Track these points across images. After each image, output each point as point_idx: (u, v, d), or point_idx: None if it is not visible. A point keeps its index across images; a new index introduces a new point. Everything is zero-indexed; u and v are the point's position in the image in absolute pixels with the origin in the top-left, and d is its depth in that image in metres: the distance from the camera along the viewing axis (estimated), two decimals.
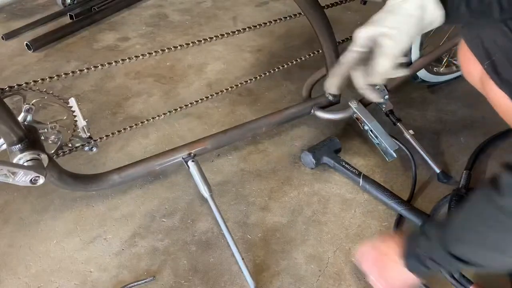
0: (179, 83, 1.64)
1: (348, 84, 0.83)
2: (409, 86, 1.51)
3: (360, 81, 0.83)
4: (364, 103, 1.26)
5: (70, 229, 1.11)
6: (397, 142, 1.23)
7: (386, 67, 0.76)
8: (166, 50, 1.05)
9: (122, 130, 1.20)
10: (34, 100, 0.95)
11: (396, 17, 0.75)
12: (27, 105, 0.94)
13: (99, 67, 1.00)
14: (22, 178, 0.85)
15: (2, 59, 1.83)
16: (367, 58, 0.79)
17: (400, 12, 0.75)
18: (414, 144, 1.22)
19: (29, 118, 0.95)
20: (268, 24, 1.15)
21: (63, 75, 0.97)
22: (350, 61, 0.81)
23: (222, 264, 1.01)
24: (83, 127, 1.09)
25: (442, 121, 1.38)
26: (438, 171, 1.18)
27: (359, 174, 1.17)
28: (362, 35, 0.78)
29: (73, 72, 0.97)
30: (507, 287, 0.93)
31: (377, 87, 1.23)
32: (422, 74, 1.43)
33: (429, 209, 1.10)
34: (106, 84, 1.65)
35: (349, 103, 1.26)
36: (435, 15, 0.72)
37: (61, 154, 1.07)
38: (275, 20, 1.16)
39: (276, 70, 1.41)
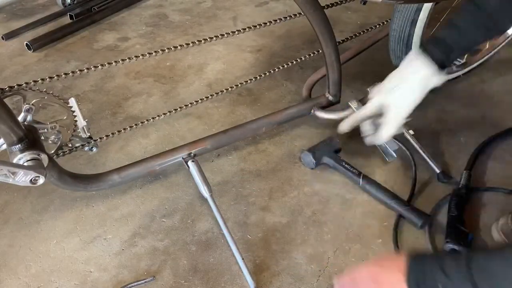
0: (179, 83, 1.64)
1: (348, 84, 0.83)
2: None
3: (367, 137, 1.02)
4: (364, 103, 1.26)
5: (70, 229, 1.11)
6: (397, 142, 1.23)
7: (390, 133, 0.93)
8: (166, 50, 1.05)
9: (122, 130, 1.20)
10: (34, 100, 0.95)
11: (405, 89, 0.89)
12: (27, 105, 0.94)
13: (99, 67, 1.01)
14: (22, 178, 0.85)
15: (2, 59, 1.83)
16: (376, 116, 0.96)
17: (409, 83, 0.89)
18: (414, 144, 1.22)
19: (29, 118, 0.95)
20: (268, 24, 1.15)
21: (63, 75, 0.97)
22: (361, 117, 0.99)
23: (222, 264, 1.01)
24: (83, 127, 1.09)
25: (442, 121, 1.38)
26: (438, 171, 1.18)
27: (359, 174, 1.17)
28: (374, 102, 0.94)
29: (73, 72, 0.97)
30: None
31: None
32: None
33: (429, 209, 1.10)
34: (106, 84, 1.65)
35: (349, 103, 1.26)
36: (438, 82, 0.88)
37: (61, 154, 1.07)
38: (275, 20, 1.16)
39: (276, 70, 1.41)
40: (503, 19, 0.86)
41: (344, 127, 1.03)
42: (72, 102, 1.10)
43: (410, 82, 0.90)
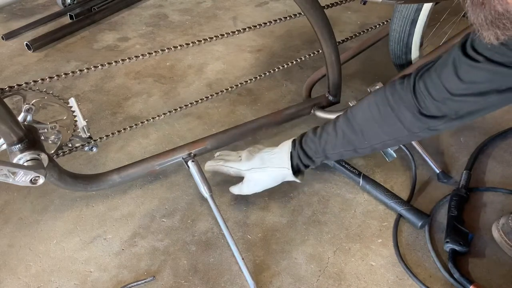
0: (179, 83, 1.64)
1: (348, 84, 0.84)
2: None
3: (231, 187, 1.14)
4: None
5: (70, 229, 1.11)
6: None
7: (236, 192, 1.12)
8: (166, 50, 1.05)
9: (122, 130, 1.20)
10: (34, 100, 0.95)
11: (264, 175, 1.06)
12: (27, 105, 0.94)
13: (99, 67, 1.01)
14: (22, 178, 0.85)
15: (2, 59, 1.83)
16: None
17: (268, 173, 1.05)
18: (414, 144, 1.22)
19: (29, 118, 0.95)
20: (268, 24, 1.15)
21: (63, 75, 0.97)
22: (223, 172, 1.13)
23: (222, 264, 1.01)
24: (83, 127, 1.09)
25: None
26: (438, 171, 1.18)
27: (359, 174, 1.17)
28: (235, 169, 1.10)
29: (73, 72, 0.97)
30: (507, 287, 0.94)
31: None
32: None
33: (429, 209, 1.10)
34: (106, 84, 1.65)
35: (349, 103, 1.26)
36: (294, 180, 1.05)
37: (61, 154, 1.07)
38: (275, 20, 1.16)
39: (276, 70, 1.41)
40: (369, 137, 0.93)
41: (207, 168, 1.15)
42: (72, 102, 1.10)
43: (274, 172, 1.05)
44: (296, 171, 1.05)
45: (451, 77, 0.77)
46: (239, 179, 1.11)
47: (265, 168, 1.05)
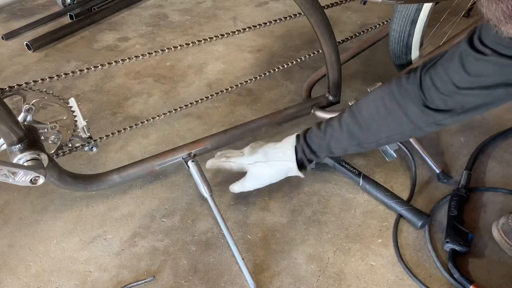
0: (179, 83, 1.64)
1: (348, 84, 0.84)
2: None
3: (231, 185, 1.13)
4: None
5: (70, 229, 1.11)
6: (397, 142, 1.23)
7: (240, 190, 1.11)
8: (166, 50, 1.05)
9: (122, 130, 1.20)
10: (34, 100, 0.95)
11: (268, 169, 1.05)
12: (27, 105, 0.94)
13: (99, 67, 1.01)
14: (22, 178, 0.85)
15: (2, 59, 1.83)
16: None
17: (272, 166, 1.05)
18: (414, 144, 1.22)
19: (29, 118, 0.95)
20: (268, 24, 1.15)
21: (63, 75, 0.97)
22: (225, 169, 1.12)
23: (222, 264, 1.01)
24: (83, 127, 1.09)
25: None
26: (438, 171, 1.18)
27: (359, 174, 1.17)
28: (240, 163, 1.09)
29: (73, 72, 0.97)
30: (507, 287, 0.94)
31: None
32: None
33: (429, 209, 1.10)
34: (106, 84, 1.65)
35: (349, 103, 1.26)
36: (294, 174, 1.05)
37: (61, 154, 1.07)
38: (275, 20, 1.16)
39: (276, 70, 1.41)
40: (374, 132, 0.93)
41: (208, 166, 1.14)
42: (72, 102, 1.10)
43: (278, 166, 1.05)
44: (300, 165, 1.05)
45: (458, 70, 0.77)
46: (238, 178, 1.11)
47: (269, 162, 1.04)
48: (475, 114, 0.83)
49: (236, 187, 1.11)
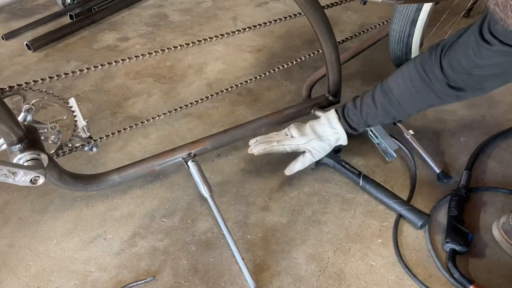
0: (179, 83, 1.64)
1: (348, 84, 0.84)
2: None
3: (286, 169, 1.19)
4: None
5: (70, 229, 1.11)
6: (397, 142, 1.24)
7: (298, 168, 1.16)
8: (166, 50, 1.05)
9: (122, 130, 1.20)
10: (34, 100, 0.95)
11: (324, 143, 1.14)
12: (27, 105, 0.94)
13: (99, 67, 1.01)
14: (22, 178, 0.85)
15: (2, 59, 1.83)
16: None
17: (325, 141, 1.14)
18: (414, 144, 1.22)
19: (29, 118, 0.95)
20: (268, 24, 1.15)
21: (63, 75, 0.97)
22: (276, 152, 1.17)
23: (222, 264, 1.01)
24: (83, 127, 1.09)
25: (442, 121, 1.38)
26: (438, 171, 1.18)
27: (359, 174, 1.17)
28: (294, 145, 1.15)
29: (73, 72, 0.97)
30: (507, 287, 0.94)
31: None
32: None
33: (429, 209, 1.10)
34: (106, 84, 1.65)
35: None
36: (343, 143, 1.15)
37: (61, 154, 1.07)
38: (275, 20, 1.16)
39: (276, 70, 1.41)
40: (406, 107, 1.05)
41: (254, 151, 1.17)
42: (72, 102, 1.10)
43: (330, 138, 1.14)
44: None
45: (471, 58, 0.87)
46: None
47: (322, 137, 1.14)
48: (493, 90, 0.96)
49: (296, 167, 1.16)
